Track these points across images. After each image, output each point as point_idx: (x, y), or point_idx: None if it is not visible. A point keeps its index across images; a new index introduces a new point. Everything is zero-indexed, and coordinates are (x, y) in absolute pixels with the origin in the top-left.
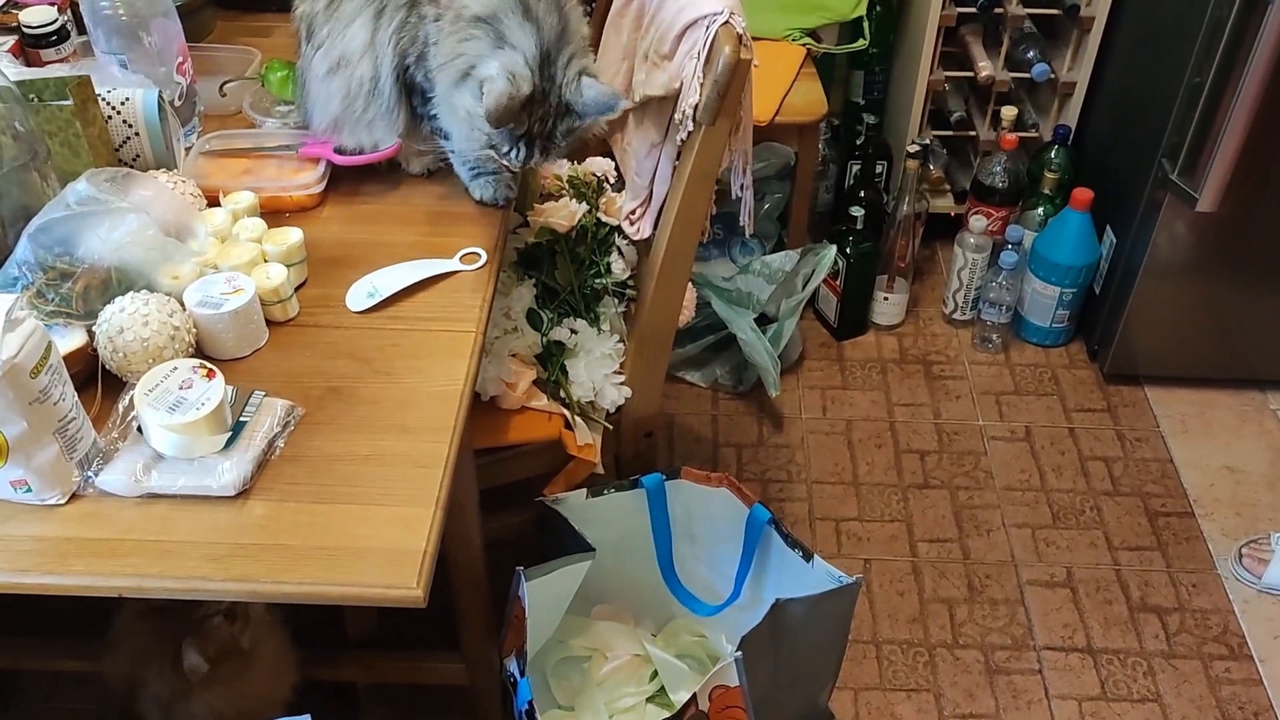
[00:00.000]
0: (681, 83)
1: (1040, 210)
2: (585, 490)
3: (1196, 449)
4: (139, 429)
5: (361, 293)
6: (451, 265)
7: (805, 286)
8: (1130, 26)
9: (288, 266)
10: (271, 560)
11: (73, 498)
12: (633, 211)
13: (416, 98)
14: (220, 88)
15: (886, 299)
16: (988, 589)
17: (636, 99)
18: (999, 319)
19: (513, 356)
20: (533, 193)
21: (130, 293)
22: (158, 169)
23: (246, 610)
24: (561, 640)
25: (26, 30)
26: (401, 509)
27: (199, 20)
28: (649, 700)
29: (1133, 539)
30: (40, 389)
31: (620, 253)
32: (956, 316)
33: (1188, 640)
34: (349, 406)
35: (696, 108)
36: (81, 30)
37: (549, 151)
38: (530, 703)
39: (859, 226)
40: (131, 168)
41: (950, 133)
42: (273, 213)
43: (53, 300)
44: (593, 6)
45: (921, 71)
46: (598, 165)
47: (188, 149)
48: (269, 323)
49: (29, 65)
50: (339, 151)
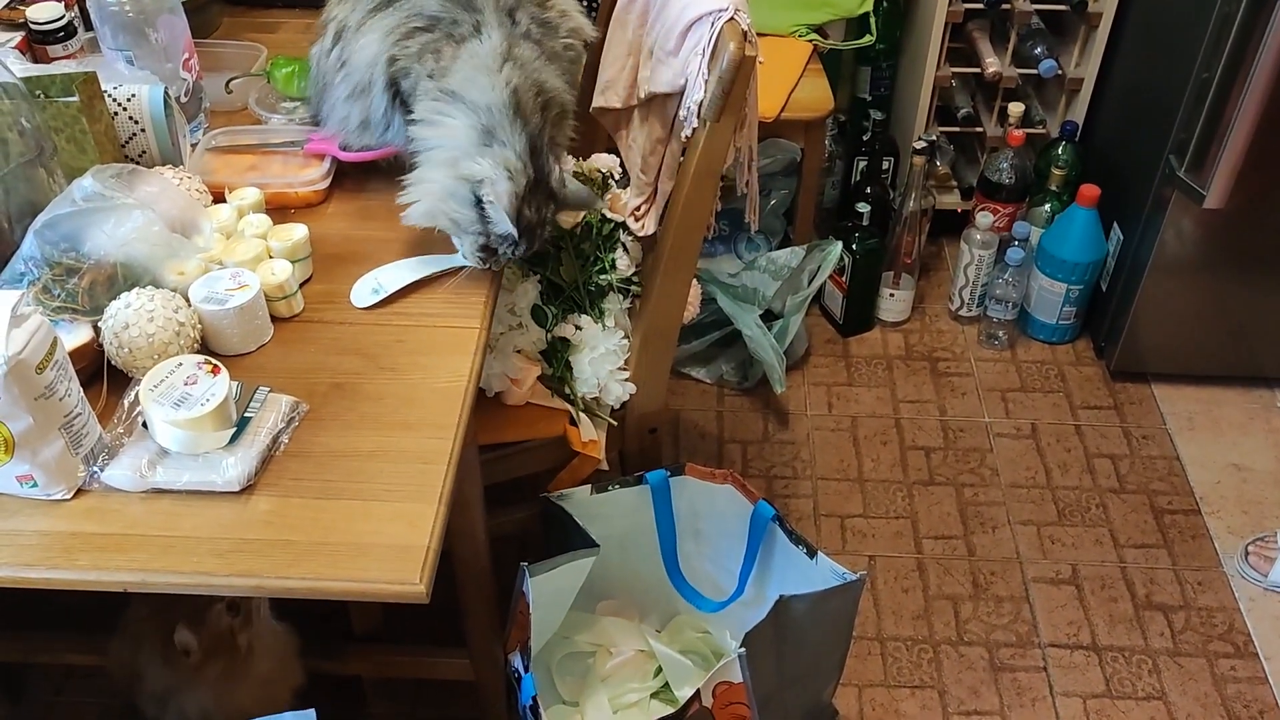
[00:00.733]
0: (686, 79)
1: (1047, 207)
2: (590, 486)
3: (1203, 446)
4: (144, 424)
5: (366, 289)
6: (456, 261)
7: (811, 283)
8: (1138, 23)
9: (293, 262)
10: (276, 555)
11: (78, 493)
12: (638, 208)
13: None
14: (226, 84)
15: (892, 295)
16: (993, 586)
17: (642, 95)
18: (1005, 316)
19: (518, 353)
20: None
21: (136, 288)
22: (164, 165)
23: (250, 608)
24: (566, 636)
25: (33, 26)
26: (405, 505)
27: (205, 16)
28: (653, 696)
29: (1138, 536)
30: (46, 384)
31: (625, 249)
32: (963, 313)
33: (1193, 638)
34: (353, 402)
35: (701, 104)
36: (88, 26)
37: (536, 241)
38: (534, 698)
39: (865, 223)
40: (137, 164)
41: (957, 129)
42: (278, 209)
43: (59, 296)
44: (597, 3)
45: (928, 67)
46: (603, 161)
47: (194, 145)
48: (274, 319)
49: (36, 61)
50: (344, 148)
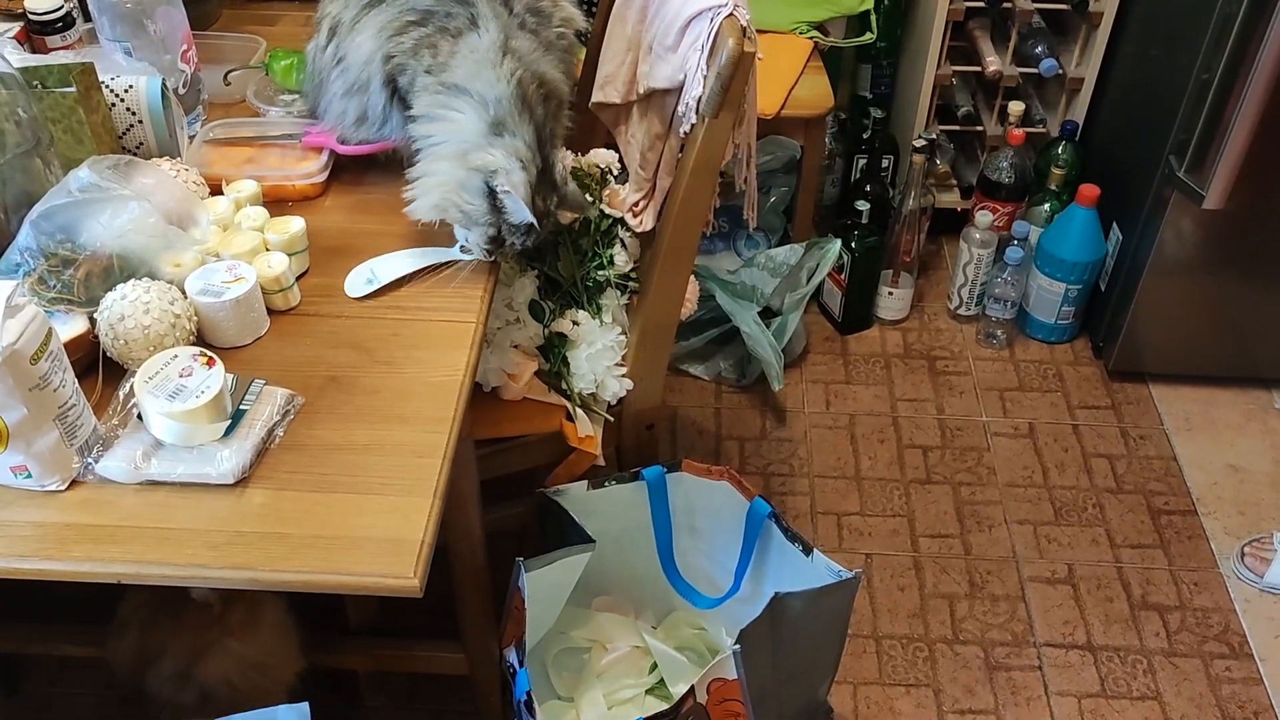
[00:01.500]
0: (685, 75)
1: (1046, 206)
2: (586, 482)
3: (1200, 447)
4: (139, 416)
5: (360, 279)
6: (452, 254)
7: (810, 280)
8: (1139, 22)
9: (289, 255)
10: (270, 548)
11: (73, 484)
12: (636, 204)
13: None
14: (225, 76)
15: (891, 294)
16: (989, 585)
17: (641, 90)
18: (1004, 315)
19: (515, 348)
20: None
21: (132, 280)
22: (161, 157)
23: None
24: (562, 631)
25: (32, 17)
26: (400, 499)
27: (204, 8)
28: (648, 692)
29: (1135, 537)
30: (40, 375)
31: (623, 245)
32: (961, 312)
33: (1188, 639)
34: (349, 396)
35: (700, 100)
36: (87, 17)
37: (543, 233)
38: (529, 693)
39: (864, 221)
40: (134, 155)
41: (957, 127)
42: (275, 201)
43: (54, 287)
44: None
45: (929, 66)
46: (601, 157)
47: (191, 137)
48: (270, 311)
49: (34, 52)
50: (342, 141)
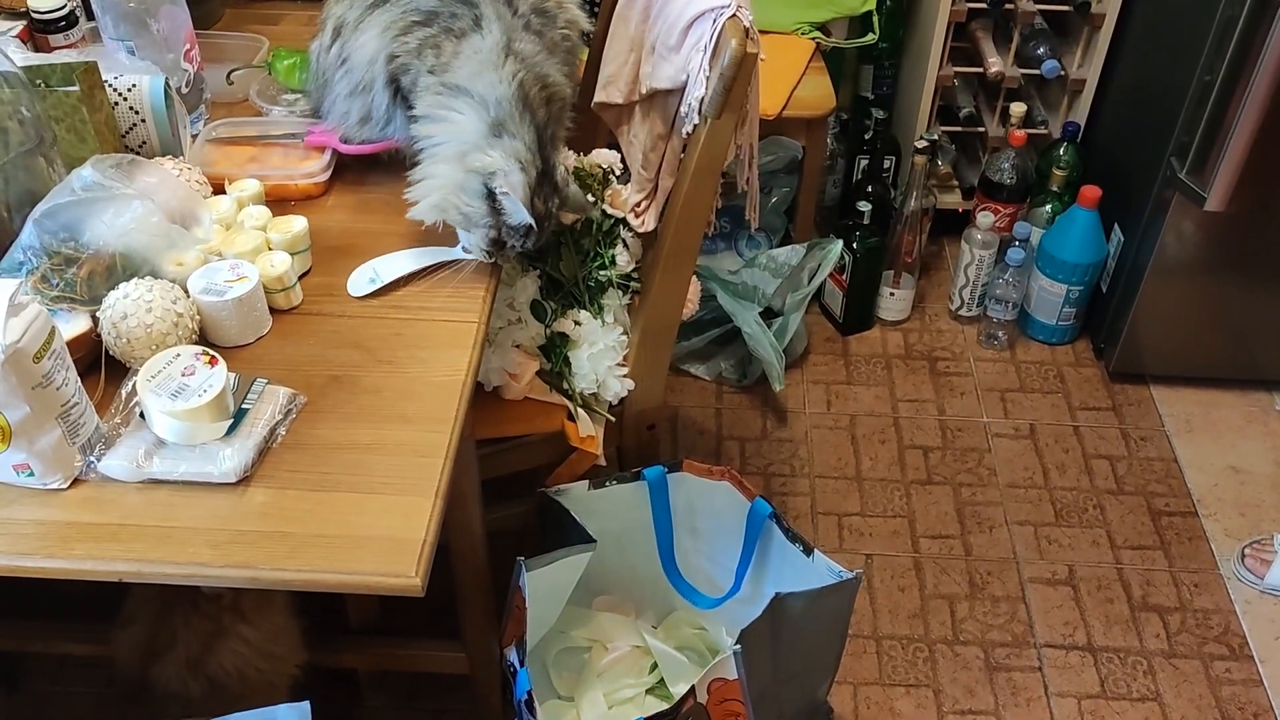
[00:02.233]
0: (688, 75)
1: (1048, 207)
2: (587, 482)
3: (1201, 449)
4: (141, 415)
5: (363, 278)
6: (454, 254)
7: (811, 281)
8: (1141, 24)
9: (292, 255)
10: (271, 547)
11: (75, 482)
12: (638, 204)
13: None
14: (228, 75)
15: (892, 294)
16: (989, 586)
17: (643, 91)
18: (1005, 316)
19: (516, 347)
20: None
21: (134, 279)
22: (163, 156)
23: None
24: (562, 631)
25: (35, 15)
26: (402, 498)
27: (207, 7)
28: (648, 692)
29: (1135, 538)
30: (43, 374)
31: (625, 245)
32: (963, 313)
33: (1188, 640)
34: (351, 395)
35: (702, 101)
36: (90, 16)
37: (544, 235)
38: (529, 692)
39: (866, 222)
40: (137, 154)
41: (959, 128)
42: (278, 201)
43: (57, 285)
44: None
45: (931, 67)
46: (603, 157)
47: (194, 136)
48: (272, 311)
49: (37, 50)
50: (345, 141)
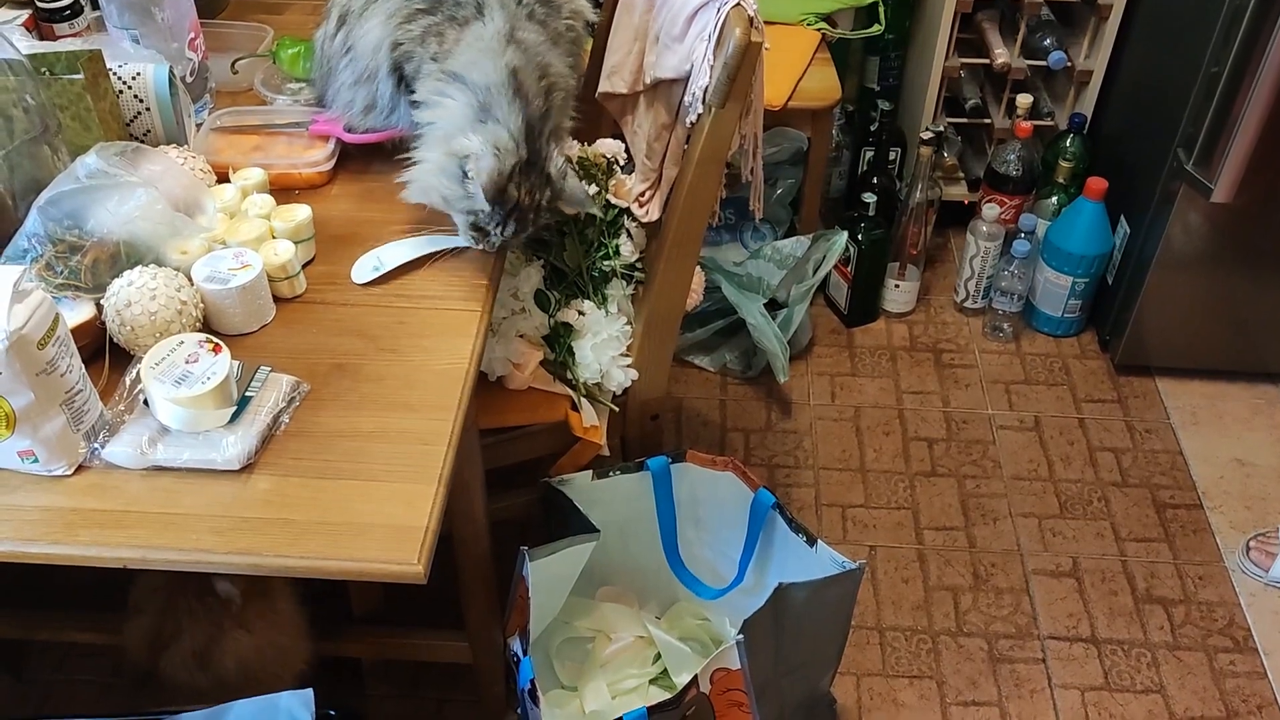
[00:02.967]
0: (692, 65)
1: (1054, 199)
2: (591, 472)
3: (1207, 441)
4: (145, 402)
5: (367, 266)
6: (458, 241)
7: (816, 273)
8: (1148, 15)
9: (296, 243)
10: (274, 534)
11: (79, 469)
12: (642, 194)
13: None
14: (232, 64)
15: (898, 286)
16: (993, 577)
17: (647, 80)
18: (1010, 308)
19: (520, 337)
20: None
21: (139, 267)
22: (168, 144)
23: None
24: (566, 621)
25: (40, 4)
26: (404, 485)
27: None
28: (652, 682)
29: (1140, 530)
30: (47, 360)
31: (629, 235)
32: (968, 305)
33: (1193, 632)
34: (354, 383)
35: (706, 90)
36: (95, 5)
37: (530, 225)
38: (533, 682)
39: (871, 213)
40: (142, 142)
41: (965, 120)
42: (282, 189)
43: (61, 273)
44: None
45: (937, 58)
46: (607, 147)
47: (198, 124)
48: (276, 299)
49: (42, 39)
50: (349, 130)
